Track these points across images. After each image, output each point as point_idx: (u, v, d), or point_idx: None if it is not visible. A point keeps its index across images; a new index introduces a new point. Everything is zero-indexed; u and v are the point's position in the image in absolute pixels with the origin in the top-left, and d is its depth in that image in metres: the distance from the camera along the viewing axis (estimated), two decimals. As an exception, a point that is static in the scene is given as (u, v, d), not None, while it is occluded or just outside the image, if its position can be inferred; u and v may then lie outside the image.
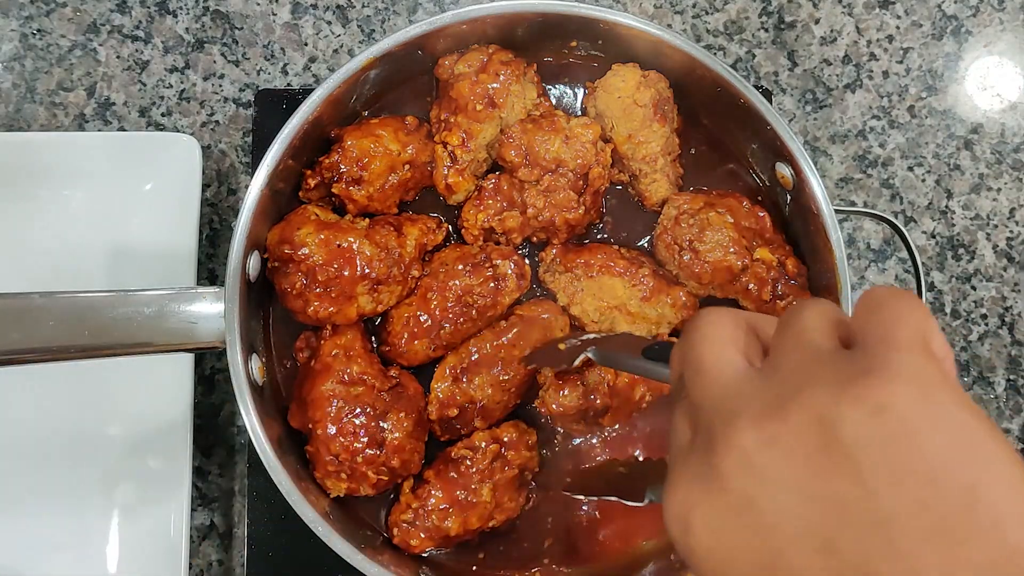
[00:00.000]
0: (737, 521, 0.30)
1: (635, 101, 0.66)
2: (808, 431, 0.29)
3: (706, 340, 0.35)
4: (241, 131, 0.78)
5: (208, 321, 0.59)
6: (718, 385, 0.33)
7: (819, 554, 0.28)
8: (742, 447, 0.30)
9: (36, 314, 0.57)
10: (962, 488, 0.27)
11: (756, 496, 0.30)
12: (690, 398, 0.34)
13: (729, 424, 0.31)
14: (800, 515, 0.29)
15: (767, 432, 0.30)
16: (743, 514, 0.30)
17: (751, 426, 0.30)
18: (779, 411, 0.30)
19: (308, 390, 0.62)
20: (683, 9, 0.81)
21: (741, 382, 0.32)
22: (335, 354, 0.63)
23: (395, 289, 0.64)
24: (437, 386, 0.64)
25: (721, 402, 0.32)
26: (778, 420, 0.30)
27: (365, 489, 0.62)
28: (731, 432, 0.31)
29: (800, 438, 0.29)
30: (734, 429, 0.31)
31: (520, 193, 0.67)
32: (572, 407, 0.63)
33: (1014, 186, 0.80)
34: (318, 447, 0.61)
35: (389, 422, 0.62)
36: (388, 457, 0.61)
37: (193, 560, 0.72)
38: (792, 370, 0.31)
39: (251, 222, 0.61)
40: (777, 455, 0.29)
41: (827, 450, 0.28)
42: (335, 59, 0.79)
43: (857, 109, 0.80)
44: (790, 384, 0.30)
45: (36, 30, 0.79)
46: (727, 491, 0.30)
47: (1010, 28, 0.82)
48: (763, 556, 0.30)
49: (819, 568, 0.28)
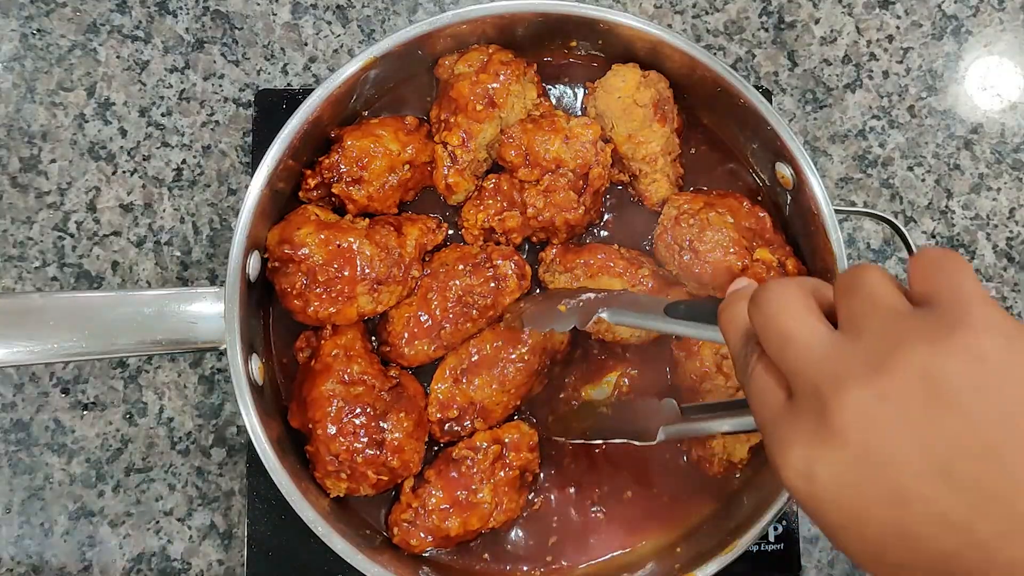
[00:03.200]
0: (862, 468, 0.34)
1: (635, 101, 0.66)
2: (915, 384, 0.33)
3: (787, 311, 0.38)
4: (241, 131, 0.78)
5: (208, 321, 0.59)
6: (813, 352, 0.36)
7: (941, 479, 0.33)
8: (856, 405, 0.34)
9: (36, 314, 0.57)
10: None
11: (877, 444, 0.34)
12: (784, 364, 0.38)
13: (838, 386, 0.35)
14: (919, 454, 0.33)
15: (877, 389, 0.34)
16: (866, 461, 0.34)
17: (860, 385, 0.34)
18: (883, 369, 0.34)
19: (308, 390, 0.62)
20: (683, 9, 0.81)
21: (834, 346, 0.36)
22: (335, 354, 0.63)
23: (395, 289, 0.64)
24: (437, 387, 0.64)
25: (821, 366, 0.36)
26: (885, 377, 0.34)
27: (365, 489, 0.62)
28: (842, 393, 0.34)
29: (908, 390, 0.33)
30: (845, 390, 0.34)
31: (520, 193, 0.67)
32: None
33: (1014, 186, 0.80)
34: (318, 447, 0.61)
35: (389, 422, 0.61)
36: (388, 457, 0.61)
37: (193, 560, 0.72)
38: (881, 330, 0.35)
39: (251, 222, 0.61)
40: (890, 408, 0.33)
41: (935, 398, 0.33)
42: (335, 59, 0.79)
43: (857, 109, 0.80)
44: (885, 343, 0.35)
45: (36, 30, 0.79)
46: (849, 443, 0.34)
47: (1010, 28, 0.82)
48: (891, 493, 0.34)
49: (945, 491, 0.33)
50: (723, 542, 0.61)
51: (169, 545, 0.72)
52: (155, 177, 0.77)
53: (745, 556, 0.62)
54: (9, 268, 0.75)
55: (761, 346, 0.39)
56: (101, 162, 0.77)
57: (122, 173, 0.77)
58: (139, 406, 0.74)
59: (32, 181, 0.76)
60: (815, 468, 0.35)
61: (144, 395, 0.74)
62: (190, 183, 0.77)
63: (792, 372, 0.37)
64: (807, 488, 0.35)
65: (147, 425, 0.74)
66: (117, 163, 0.77)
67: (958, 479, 0.33)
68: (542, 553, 0.67)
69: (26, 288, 0.75)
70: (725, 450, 0.65)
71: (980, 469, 0.33)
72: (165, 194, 0.76)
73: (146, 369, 0.74)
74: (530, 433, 0.65)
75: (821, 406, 0.35)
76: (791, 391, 0.37)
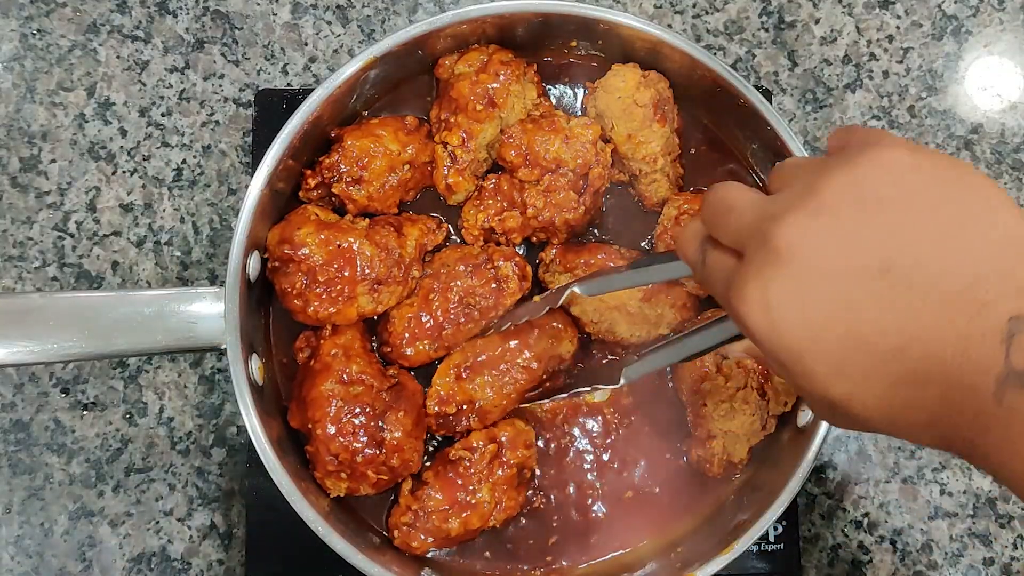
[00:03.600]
0: (810, 279, 0.36)
1: (635, 101, 0.66)
2: (840, 196, 0.36)
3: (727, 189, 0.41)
4: (241, 131, 0.78)
5: (208, 321, 0.59)
6: (753, 206, 0.39)
7: (883, 273, 0.35)
8: (793, 225, 0.36)
9: (36, 314, 0.57)
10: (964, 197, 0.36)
11: (818, 253, 0.36)
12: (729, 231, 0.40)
13: (775, 219, 0.37)
14: (858, 253, 0.35)
15: (809, 208, 0.36)
16: (813, 271, 0.36)
17: (795, 211, 0.37)
18: (811, 194, 0.37)
19: (308, 390, 0.62)
20: (683, 9, 0.81)
21: (770, 199, 0.39)
22: (334, 354, 0.63)
23: (395, 290, 0.64)
24: (439, 381, 0.64)
25: (762, 212, 0.38)
26: (814, 198, 0.36)
27: (365, 489, 0.62)
28: (779, 222, 0.37)
29: (837, 202, 0.36)
30: (781, 219, 0.37)
31: (520, 193, 0.67)
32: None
33: (1014, 186, 0.80)
34: (318, 447, 0.61)
35: (388, 422, 0.62)
36: (388, 456, 0.61)
37: (193, 560, 0.72)
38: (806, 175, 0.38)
39: (251, 222, 0.61)
40: (824, 219, 0.36)
41: (861, 203, 0.36)
42: (335, 59, 0.79)
43: (857, 109, 0.80)
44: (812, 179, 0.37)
45: (36, 30, 0.79)
46: (794, 258, 0.36)
47: (1010, 28, 0.82)
48: (840, 298, 0.35)
49: (888, 284, 0.35)
50: (723, 542, 0.62)
51: (169, 545, 0.72)
52: (155, 177, 0.77)
53: (745, 556, 0.62)
54: (9, 268, 0.75)
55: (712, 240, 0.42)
56: (101, 162, 0.77)
57: (122, 173, 0.77)
58: (139, 406, 0.74)
59: (32, 181, 0.76)
60: (768, 295, 0.37)
61: (144, 395, 0.74)
62: (190, 183, 0.77)
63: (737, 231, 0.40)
64: (766, 319, 0.37)
65: (147, 425, 0.74)
66: (117, 163, 0.77)
67: (897, 269, 0.35)
68: (542, 553, 0.67)
69: (26, 288, 0.75)
70: (725, 451, 0.65)
71: (914, 256, 0.35)
72: (165, 194, 0.76)
73: (146, 369, 0.74)
74: (526, 430, 0.65)
75: (764, 240, 0.37)
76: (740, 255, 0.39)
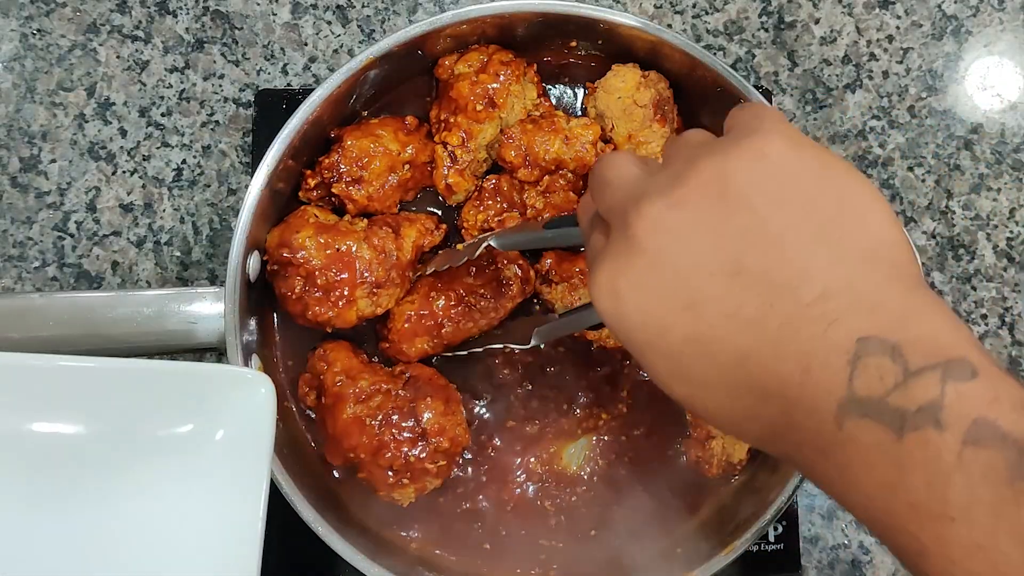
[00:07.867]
0: (657, 273, 0.35)
1: (635, 101, 0.66)
2: (706, 187, 0.34)
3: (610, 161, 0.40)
4: (241, 131, 0.78)
5: (208, 321, 0.59)
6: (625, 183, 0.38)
7: (731, 278, 0.33)
8: (650, 213, 0.35)
9: (36, 314, 0.57)
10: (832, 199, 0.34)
11: (671, 248, 0.34)
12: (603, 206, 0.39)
13: (638, 202, 0.36)
14: (710, 253, 0.34)
15: (672, 197, 0.35)
16: (661, 266, 0.35)
17: (657, 196, 0.35)
18: (679, 180, 0.35)
19: (333, 426, 0.62)
20: (683, 9, 0.81)
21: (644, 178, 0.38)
22: (339, 382, 0.62)
23: (394, 292, 0.64)
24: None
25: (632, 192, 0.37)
26: (679, 187, 0.35)
27: (432, 482, 0.62)
28: (641, 206, 0.35)
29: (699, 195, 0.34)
30: (644, 203, 0.35)
31: (520, 194, 0.67)
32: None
33: (1014, 186, 0.80)
34: (370, 470, 0.60)
35: (419, 412, 0.61)
36: (436, 444, 0.61)
37: (193, 560, 0.72)
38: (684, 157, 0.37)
39: (251, 222, 0.61)
40: (682, 212, 0.35)
41: (724, 196, 0.34)
42: (335, 59, 0.79)
43: (857, 109, 0.80)
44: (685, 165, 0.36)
45: (36, 30, 0.79)
46: (645, 251, 0.35)
47: (1010, 28, 0.82)
48: (685, 296, 0.34)
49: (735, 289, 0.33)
50: (723, 542, 0.62)
51: (169, 545, 0.72)
52: (155, 177, 0.77)
53: (745, 556, 0.62)
54: (9, 268, 0.75)
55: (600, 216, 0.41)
56: (101, 162, 0.77)
57: (122, 173, 0.77)
58: (139, 406, 0.74)
59: (32, 181, 0.76)
60: (618, 283, 0.36)
61: (144, 395, 0.74)
62: (190, 183, 0.77)
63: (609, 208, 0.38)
64: (614, 306, 0.36)
65: (147, 425, 0.74)
66: (117, 163, 0.77)
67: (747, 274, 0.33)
68: (537, 554, 0.67)
69: (26, 288, 0.75)
70: (724, 451, 0.65)
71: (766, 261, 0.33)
72: (165, 194, 0.76)
73: (146, 369, 0.74)
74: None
75: (625, 224, 0.36)
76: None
